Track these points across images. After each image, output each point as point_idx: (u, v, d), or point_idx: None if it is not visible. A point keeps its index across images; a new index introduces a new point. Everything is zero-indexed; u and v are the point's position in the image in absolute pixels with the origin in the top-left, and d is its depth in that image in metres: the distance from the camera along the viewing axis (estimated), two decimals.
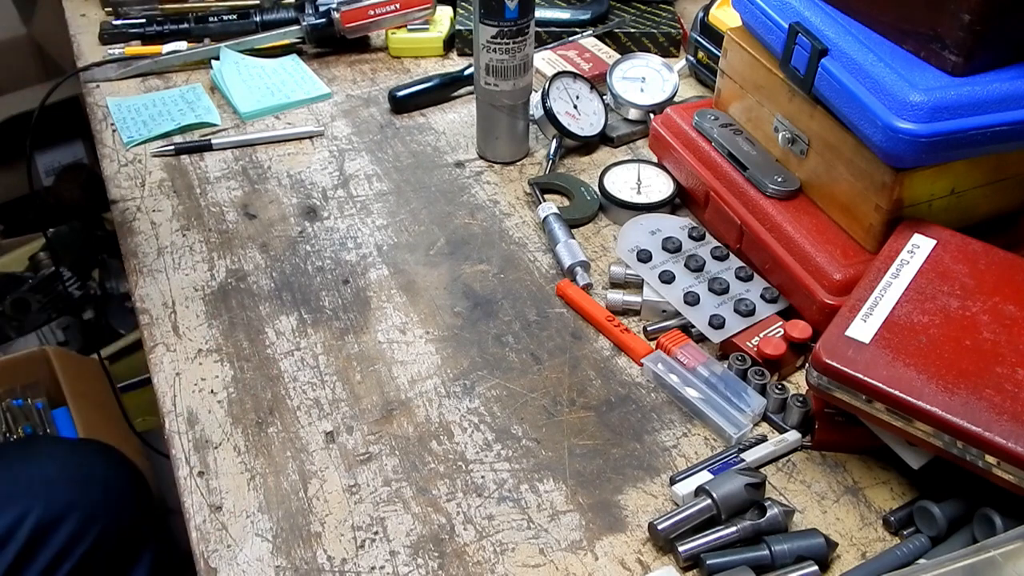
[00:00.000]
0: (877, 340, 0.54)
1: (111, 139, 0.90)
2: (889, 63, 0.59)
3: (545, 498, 0.57)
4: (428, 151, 0.89)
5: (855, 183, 0.64)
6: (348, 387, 0.64)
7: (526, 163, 0.87)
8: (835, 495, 0.57)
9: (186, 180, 0.85)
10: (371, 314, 0.70)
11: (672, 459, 0.59)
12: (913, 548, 0.52)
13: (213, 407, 0.63)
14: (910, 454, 0.55)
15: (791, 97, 0.68)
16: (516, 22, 0.77)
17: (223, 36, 1.03)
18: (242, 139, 0.90)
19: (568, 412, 0.62)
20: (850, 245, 0.65)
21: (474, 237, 0.78)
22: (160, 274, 0.74)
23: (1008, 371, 0.52)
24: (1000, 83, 0.57)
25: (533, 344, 0.68)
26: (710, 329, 0.66)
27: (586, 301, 0.70)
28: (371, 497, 0.57)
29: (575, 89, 0.88)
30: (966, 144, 0.57)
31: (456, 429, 0.61)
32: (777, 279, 0.68)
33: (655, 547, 0.54)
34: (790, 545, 0.51)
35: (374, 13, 1.01)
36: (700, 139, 0.76)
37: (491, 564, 0.53)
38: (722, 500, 0.53)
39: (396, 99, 0.94)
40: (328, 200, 0.82)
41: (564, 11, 1.04)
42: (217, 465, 0.59)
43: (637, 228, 0.74)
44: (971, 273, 0.59)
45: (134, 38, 1.04)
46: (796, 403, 0.60)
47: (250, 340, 0.68)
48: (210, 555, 0.53)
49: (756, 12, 0.69)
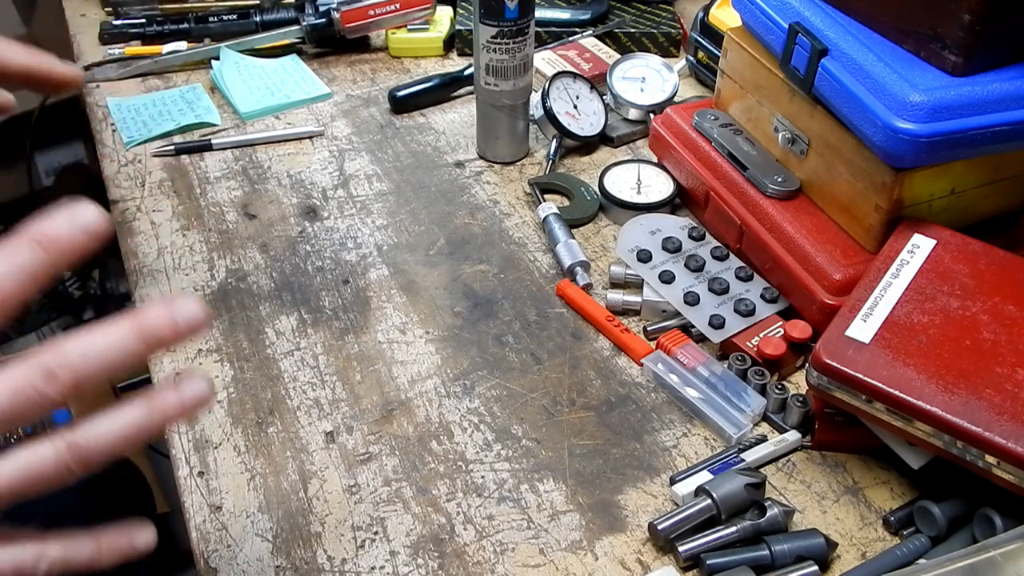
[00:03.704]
0: (877, 340, 0.54)
1: (111, 139, 0.90)
2: (889, 63, 0.59)
3: (545, 498, 0.57)
4: (428, 151, 0.89)
5: (855, 183, 0.64)
6: (348, 387, 0.64)
7: (526, 163, 0.87)
8: (835, 495, 0.57)
9: (186, 180, 0.85)
10: (371, 314, 0.70)
11: (672, 459, 0.59)
12: (913, 548, 0.52)
13: (213, 407, 0.63)
14: (910, 454, 0.55)
15: (791, 97, 0.68)
16: (516, 22, 0.78)
17: (223, 36, 1.03)
18: (242, 139, 0.90)
19: (568, 412, 0.62)
20: (850, 245, 0.65)
21: (474, 237, 0.78)
22: (160, 274, 0.74)
23: (1008, 371, 0.52)
24: (1000, 83, 0.57)
25: (533, 344, 0.68)
26: (710, 329, 0.66)
27: (586, 301, 0.70)
28: (371, 497, 0.57)
29: (575, 89, 0.88)
30: (966, 144, 0.57)
31: (456, 429, 0.61)
32: (777, 279, 0.68)
33: (655, 547, 0.54)
34: (790, 545, 0.51)
35: (374, 13, 1.01)
36: (700, 139, 0.76)
37: (491, 564, 0.53)
38: (722, 500, 0.53)
39: (396, 99, 0.94)
40: (328, 200, 0.82)
41: (564, 11, 1.04)
42: (217, 465, 0.59)
43: (637, 228, 0.74)
44: (971, 273, 0.59)
45: (134, 38, 1.04)
46: (796, 403, 0.60)
47: (250, 340, 0.68)
48: (210, 555, 0.54)
49: (756, 12, 0.69)
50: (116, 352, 0.36)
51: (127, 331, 0.36)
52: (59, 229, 0.35)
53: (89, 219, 0.35)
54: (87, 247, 0.36)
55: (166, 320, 0.36)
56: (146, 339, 0.36)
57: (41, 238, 0.35)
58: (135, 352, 0.36)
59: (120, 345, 0.36)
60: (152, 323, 0.36)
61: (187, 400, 0.37)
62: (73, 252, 0.36)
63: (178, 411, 0.37)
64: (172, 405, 0.37)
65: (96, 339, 0.36)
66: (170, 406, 0.37)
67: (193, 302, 0.37)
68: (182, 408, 0.37)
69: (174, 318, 0.36)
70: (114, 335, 0.36)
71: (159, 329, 0.36)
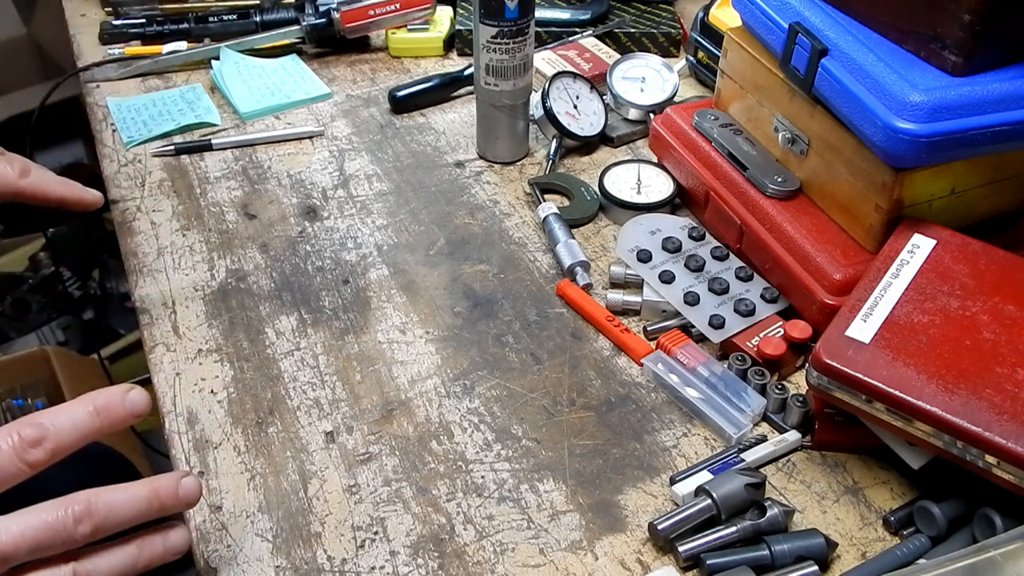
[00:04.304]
0: (877, 340, 0.54)
1: (111, 139, 0.90)
2: (889, 63, 0.59)
3: (545, 498, 0.57)
4: (428, 151, 0.89)
5: (855, 183, 0.64)
6: (348, 387, 0.64)
7: (526, 163, 0.87)
8: (835, 495, 0.57)
9: (186, 180, 0.85)
10: (371, 314, 0.70)
11: (672, 459, 0.59)
12: (913, 548, 0.52)
13: (213, 407, 0.63)
14: (910, 454, 0.55)
15: (791, 97, 0.68)
16: (516, 22, 0.78)
17: (223, 36, 1.03)
18: (242, 139, 0.90)
19: (568, 412, 0.62)
20: (850, 245, 0.65)
21: (474, 237, 0.78)
22: (160, 274, 0.74)
23: (1008, 371, 0.52)
24: (1000, 83, 0.57)
25: (533, 344, 0.68)
26: (710, 329, 0.66)
27: (586, 301, 0.70)
28: (371, 497, 0.57)
29: (575, 89, 0.88)
30: (966, 144, 0.57)
31: (456, 429, 0.61)
32: (777, 279, 0.68)
33: (655, 547, 0.54)
34: (790, 545, 0.51)
35: (374, 13, 1.01)
36: (700, 139, 0.76)
37: (491, 564, 0.53)
38: (722, 500, 0.53)
39: (396, 99, 0.94)
40: (328, 200, 0.82)
41: (564, 11, 1.04)
42: (217, 465, 0.59)
43: (637, 228, 0.74)
44: (971, 273, 0.59)
45: (134, 38, 1.04)
46: (796, 403, 0.60)
47: (250, 340, 0.68)
48: (210, 555, 0.54)
49: (756, 12, 0.69)
50: (135, 511, 0.44)
51: (146, 496, 0.45)
52: (114, 404, 0.44)
53: (139, 404, 0.45)
54: (130, 423, 0.45)
55: (173, 493, 0.46)
56: (159, 506, 0.45)
57: (99, 408, 0.44)
58: (148, 514, 0.45)
59: (138, 506, 0.44)
60: (165, 494, 0.45)
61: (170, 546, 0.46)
62: (118, 425, 0.45)
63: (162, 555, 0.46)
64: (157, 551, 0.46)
65: (120, 496, 0.44)
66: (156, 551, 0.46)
67: (192, 480, 0.46)
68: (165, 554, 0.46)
69: (179, 492, 0.46)
70: (136, 498, 0.44)
71: (168, 501, 0.45)
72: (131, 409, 0.45)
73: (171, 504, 0.46)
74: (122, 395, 0.45)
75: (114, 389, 0.45)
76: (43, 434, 0.43)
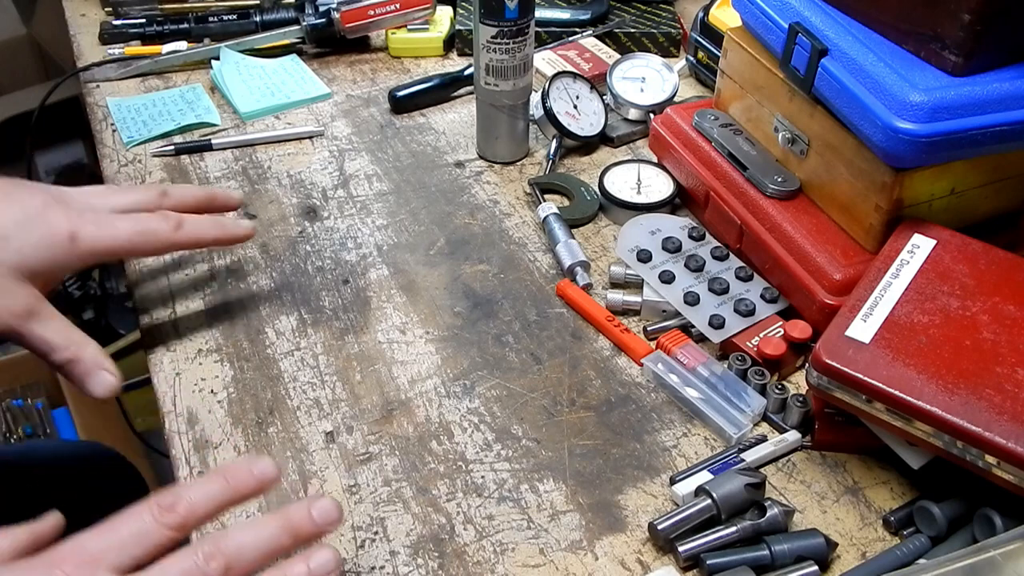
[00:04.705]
0: (877, 340, 0.54)
1: (111, 139, 0.90)
2: (889, 63, 0.59)
3: (545, 498, 0.57)
4: (428, 151, 0.89)
5: (855, 183, 0.64)
6: (348, 387, 0.64)
7: (526, 163, 0.87)
8: (835, 495, 0.57)
9: (186, 180, 0.85)
10: (371, 314, 0.70)
11: (672, 459, 0.59)
12: (913, 548, 0.52)
13: (213, 407, 0.63)
14: (910, 454, 0.55)
15: (791, 97, 0.68)
16: (516, 22, 0.78)
17: (223, 36, 1.03)
18: (242, 139, 0.90)
19: (568, 412, 0.62)
20: (850, 245, 0.65)
21: (474, 237, 0.78)
22: (160, 274, 0.74)
23: (1008, 371, 0.52)
24: (1000, 83, 0.57)
25: (533, 344, 0.68)
26: (710, 329, 0.66)
27: (586, 301, 0.70)
28: (371, 497, 0.57)
29: (575, 89, 0.88)
30: (966, 144, 0.57)
31: (456, 429, 0.61)
32: (777, 279, 0.68)
33: (655, 547, 0.54)
34: (790, 545, 0.52)
35: (374, 13, 1.01)
36: (700, 139, 0.76)
37: (491, 564, 0.53)
38: (722, 500, 0.53)
39: (396, 99, 0.94)
40: (328, 200, 0.82)
41: (564, 11, 1.04)
42: (217, 465, 0.59)
43: (637, 228, 0.74)
44: (971, 273, 0.59)
45: (134, 38, 1.04)
46: (796, 403, 0.60)
47: (250, 340, 0.68)
48: None
49: (756, 12, 0.69)
50: (267, 547, 0.43)
51: (276, 527, 0.44)
52: (243, 474, 0.45)
53: (268, 474, 0.45)
54: (257, 493, 0.46)
55: (307, 518, 0.44)
56: (294, 535, 0.44)
57: (229, 476, 0.45)
58: (283, 547, 0.44)
59: (269, 542, 0.43)
60: (297, 522, 0.44)
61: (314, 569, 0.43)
62: (248, 494, 0.45)
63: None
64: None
65: (247, 535, 0.43)
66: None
67: (328, 501, 0.45)
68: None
69: (313, 516, 0.44)
70: (265, 530, 0.44)
71: (302, 527, 0.44)
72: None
73: (308, 531, 0.44)
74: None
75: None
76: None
